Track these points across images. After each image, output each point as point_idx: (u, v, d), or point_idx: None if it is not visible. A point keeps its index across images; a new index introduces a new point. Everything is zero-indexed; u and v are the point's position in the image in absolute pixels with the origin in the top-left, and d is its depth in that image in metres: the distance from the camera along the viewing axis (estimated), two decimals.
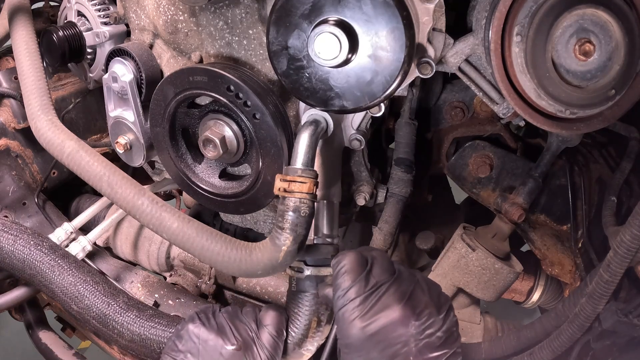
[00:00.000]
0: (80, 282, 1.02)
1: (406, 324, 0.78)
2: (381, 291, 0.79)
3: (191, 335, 0.90)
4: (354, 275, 0.81)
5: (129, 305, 1.02)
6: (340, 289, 0.81)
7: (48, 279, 1.02)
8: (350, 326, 0.78)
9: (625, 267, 0.90)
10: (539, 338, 1.08)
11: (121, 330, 1.00)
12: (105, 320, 1.00)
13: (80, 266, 1.05)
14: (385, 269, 0.82)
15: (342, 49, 0.78)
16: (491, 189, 1.31)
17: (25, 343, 1.51)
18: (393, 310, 0.78)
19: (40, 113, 1.01)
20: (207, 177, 1.07)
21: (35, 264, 1.02)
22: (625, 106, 0.79)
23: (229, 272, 0.91)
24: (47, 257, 1.03)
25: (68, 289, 1.01)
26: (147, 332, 1.00)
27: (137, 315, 1.01)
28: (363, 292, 0.79)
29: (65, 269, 1.02)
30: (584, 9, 0.72)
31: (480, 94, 0.91)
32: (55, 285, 1.02)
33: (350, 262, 0.82)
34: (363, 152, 1.13)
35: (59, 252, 1.05)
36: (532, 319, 1.15)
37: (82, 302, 1.01)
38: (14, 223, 1.06)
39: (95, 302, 1.01)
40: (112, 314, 1.00)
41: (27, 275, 1.04)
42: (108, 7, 1.21)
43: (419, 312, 0.79)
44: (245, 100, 0.93)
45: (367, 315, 0.78)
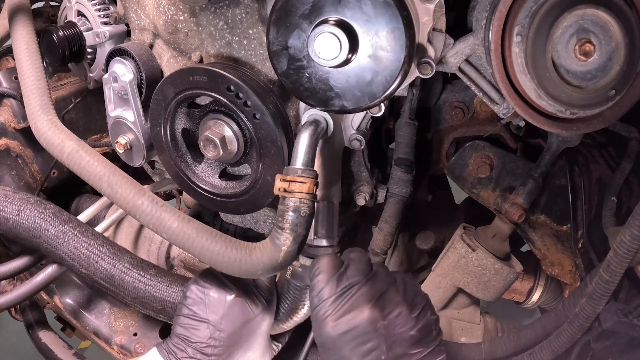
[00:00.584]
0: (85, 246, 1.05)
1: (374, 323, 0.81)
2: (353, 291, 0.84)
3: (196, 292, 1.00)
4: (327, 276, 0.86)
5: (133, 265, 1.07)
6: (315, 290, 0.86)
7: (54, 245, 1.05)
8: (323, 325, 0.83)
9: (625, 268, 0.90)
10: (539, 338, 1.08)
11: (127, 288, 1.06)
12: (112, 280, 1.05)
13: (84, 230, 1.08)
14: (359, 270, 0.86)
15: (342, 49, 0.78)
16: (491, 189, 1.31)
17: (25, 343, 1.51)
18: (361, 310, 0.82)
19: (40, 113, 1.01)
20: (207, 177, 1.07)
21: (40, 232, 1.05)
22: (626, 106, 0.79)
23: (229, 272, 0.91)
24: (51, 225, 1.05)
25: (75, 254, 1.05)
26: (151, 289, 1.06)
27: (142, 275, 1.07)
28: (334, 292, 0.84)
29: (69, 235, 1.05)
30: (584, 9, 0.72)
31: (480, 94, 0.91)
32: (62, 251, 1.05)
33: (325, 264, 0.88)
34: (363, 152, 1.13)
35: (62, 217, 1.07)
36: (532, 319, 1.15)
37: (90, 265, 1.05)
38: (16, 193, 1.08)
39: (102, 264, 1.05)
40: (119, 273, 1.05)
41: (34, 244, 1.06)
42: (108, 7, 1.21)
43: (388, 313, 0.82)
44: (245, 100, 0.93)
45: (337, 315, 0.82)
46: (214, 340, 0.97)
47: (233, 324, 0.99)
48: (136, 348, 1.40)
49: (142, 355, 1.05)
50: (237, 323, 0.99)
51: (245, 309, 1.00)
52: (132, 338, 1.41)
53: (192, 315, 0.98)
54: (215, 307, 0.98)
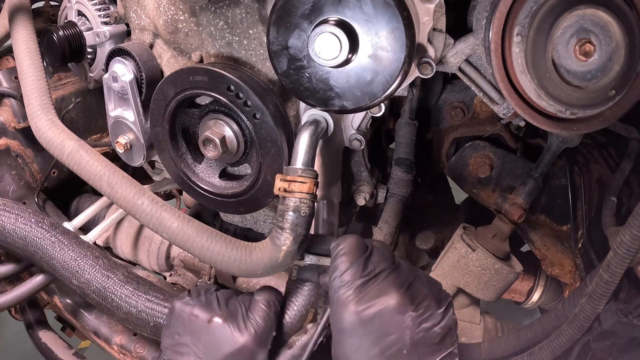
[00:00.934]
0: (80, 257, 1.04)
1: (403, 312, 0.75)
2: (380, 277, 0.78)
3: (180, 311, 0.90)
4: (352, 258, 0.79)
5: (128, 279, 1.05)
6: (337, 271, 0.79)
7: (49, 255, 1.04)
8: (345, 310, 0.76)
9: (625, 268, 0.90)
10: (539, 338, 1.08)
11: (119, 303, 1.03)
12: (104, 294, 1.03)
13: (80, 242, 1.07)
14: (385, 258, 0.81)
15: (342, 49, 0.78)
16: (491, 189, 1.31)
17: (25, 343, 1.51)
18: (390, 297, 0.76)
19: (41, 112, 1.01)
20: (207, 177, 1.07)
21: (36, 241, 1.04)
22: (626, 106, 0.79)
23: (229, 272, 0.91)
24: (48, 234, 1.05)
25: (69, 264, 1.04)
26: (143, 305, 1.02)
27: (135, 288, 1.03)
28: (360, 276, 0.78)
29: (65, 245, 1.05)
30: (584, 9, 0.72)
31: (480, 94, 0.91)
32: (56, 260, 1.04)
33: (350, 245, 0.81)
34: (363, 152, 1.13)
35: (59, 229, 1.07)
36: (532, 319, 1.15)
37: (82, 276, 1.03)
38: (14, 202, 1.08)
39: (95, 276, 1.03)
40: (111, 286, 1.03)
41: (29, 253, 1.06)
42: (108, 7, 1.21)
43: (418, 303, 0.77)
44: (245, 100, 0.93)
45: (363, 300, 0.76)
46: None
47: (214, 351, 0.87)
48: (136, 348, 1.39)
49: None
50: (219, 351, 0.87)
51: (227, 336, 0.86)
52: (132, 338, 1.41)
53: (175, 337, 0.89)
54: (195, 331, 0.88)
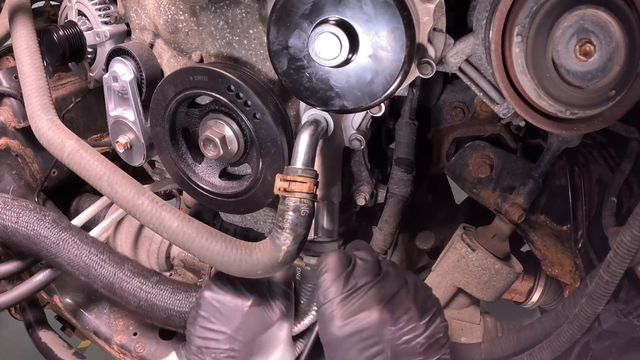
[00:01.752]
0: (85, 253, 1.04)
1: (382, 328, 0.78)
2: (362, 292, 0.81)
3: (210, 300, 0.94)
4: (334, 274, 0.83)
5: (135, 273, 1.04)
6: (322, 288, 0.83)
7: (53, 253, 1.04)
8: (329, 325, 0.80)
9: (625, 268, 0.90)
10: (539, 338, 1.08)
11: (128, 297, 1.03)
12: (112, 288, 1.03)
13: (83, 237, 1.06)
14: (368, 270, 0.84)
15: (342, 48, 0.78)
16: (491, 189, 1.31)
17: (25, 342, 1.51)
18: (370, 313, 0.79)
19: (41, 112, 1.01)
20: (207, 176, 1.07)
21: (39, 240, 1.04)
22: (626, 107, 0.79)
23: (229, 272, 0.91)
24: (51, 232, 1.04)
25: (74, 261, 1.03)
26: (153, 298, 1.03)
27: (143, 283, 1.04)
28: (341, 292, 0.81)
29: (69, 242, 1.04)
30: (584, 9, 0.72)
31: (480, 94, 0.91)
32: (61, 258, 1.04)
33: (332, 262, 0.84)
34: (363, 152, 1.13)
35: (61, 224, 1.06)
36: (532, 320, 1.15)
37: (90, 273, 1.03)
38: (15, 199, 1.07)
39: (102, 272, 1.03)
40: (119, 282, 1.03)
41: (34, 251, 1.05)
42: (108, 7, 1.21)
43: (397, 317, 0.80)
44: (245, 100, 0.93)
45: (344, 315, 0.80)
46: (233, 351, 0.93)
47: (251, 333, 0.94)
48: (136, 348, 1.39)
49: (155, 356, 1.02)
50: (255, 332, 0.94)
51: (262, 317, 0.95)
52: (132, 338, 1.41)
53: (209, 325, 0.93)
54: (231, 317, 0.93)
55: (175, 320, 1.05)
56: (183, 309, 1.04)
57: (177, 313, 1.04)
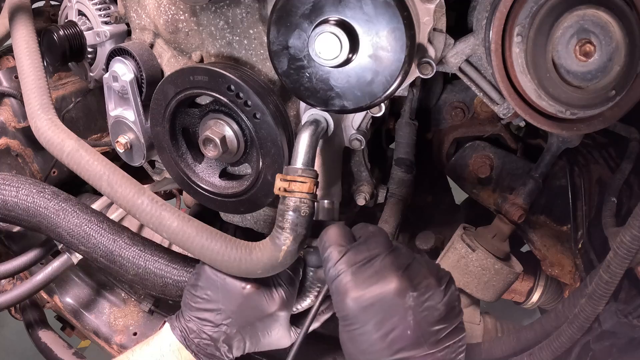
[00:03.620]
0: (85, 222, 1.04)
1: (403, 295, 0.76)
2: (376, 261, 0.79)
3: (210, 274, 0.93)
4: (340, 246, 0.81)
5: (133, 241, 1.05)
6: (330, 262, 0.81)
7: (54, 223, 1.04)
8: (345, 297, 0.77)
9: (625, 268, 0.90)
10: (539, 339, 1.08)
11: (126, 265, 1.03)
12: (111, 257, 1.04)
13: (83, 208, 1.07)
14: (381, 243, 0.82)
15: (342, 48, 0.78)
16: (491, 190, 1.31)
17: (25, 342, 1.51)
18: (389, 281, 0.76)
19: (40, 112, 1.01)
20: (207, 176, 1.07)
21: (39, 211, 1.04)
22: (626, 107, 0.79)
23: (229, 272, 0.91)
24: (51, 203, 1.04)
25: (74, 231, 1.04)
26: (151, 265, 1.03)
27: (142, 250, 1.04)
28: (354, 262, 0.79)
29: (69, 212, 1.04)
30: (584, 9, 0.72)
31: (480, 95, 0.91)
32: (62, 228, 1.04)
33: (334, 234, 0.83)
34: (363, 152, 1.13)
35: (61, 196, 1.06)
36: (532, 320, 1.15)
37: (89, 241, 1.04)
38: (13, 175, 1.07)
39: (101, 240, 1.04)
40: (118, 249, 1.03)
41: (34, 224, 1.06)
42: (109, 7, 1.21)
43: (418, 283, 0.77)
44: (245, 100, 0.93)
45: (361, 286, 0.77)
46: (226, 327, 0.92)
47: (246, 317, 0.92)
48: None
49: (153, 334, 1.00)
50: (251, 317, 0.93)
51: (260, 304, 0.93)
52: (132, 337, 1.41)
53: (207, 297, 0.92)
54: (228, 297, 0.92)
55: (171, 289, 1.05)
56: (180, 278, 1.04)
57: (174, 282, 1.04)
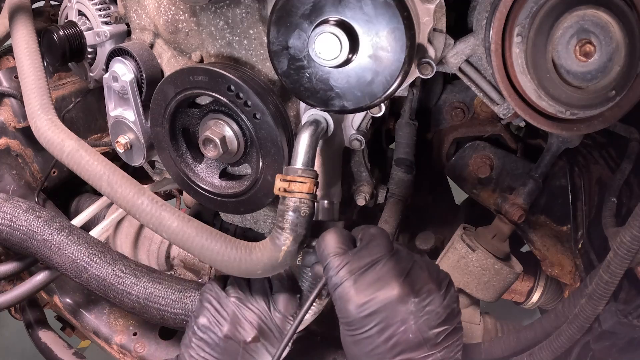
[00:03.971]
0: (77, 256, 1.05)
1: (405, 301, 0.77)
2: (377, 267, 0.79)
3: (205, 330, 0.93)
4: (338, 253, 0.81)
5: (126, 273, 1.06)
6: (332, 269, 0.81)
7: (47, 255, 1.05)
8: (347, 305, 0.78)
9: (625, 268, 0.90)
10: (539, 339, 1.08)
11: (122, 298, 1.05)
12: (106, 290, 1.05)
13: (75, 238, 1.07)
14: (382, 246, 0.82)
15: (342, 49, 0.78)
16: (491, 190, 1.30)
17: (25, 342, 1.51)
18: (391, 288, 0.77)
19: (40, 112, 1.01)
20: (207, 176, 1.07)
21: (32, 243, 1.05)
22: (626, 107, 0.79)
23: (229, 272, 0.91)
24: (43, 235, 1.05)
25: (67, 265, 1.05)
26: (145, 300, 1.05)
27: (135, 283, 1.05)
28: (357, 269, 0.79)
29: (61, 245, 1.05)
30: (584, 9, 0.72)
31: (480, 95, 0.91)
32: (55, 261, 1.05)
33: (331, 240, 0.83)
34: (363, 152, 1.13)
35: (53, 226, 1.07)
36: (532, 320, 1.15)
37: (82, 275, 1.05)
38: (7, 201, 1.07)
39: (94, 274, 1.04)
40: (110, 284, 1.04)
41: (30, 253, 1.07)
42: (109, 7, 1.21)
43: (418, 289, 0.79)
44: (245, 100, 0.93)
45: (364, 293, 0.78)
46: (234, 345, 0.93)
47: None
48: (136, 348, 1.39)
49: None
50: None
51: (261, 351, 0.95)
52: (132, 337, 1.41)
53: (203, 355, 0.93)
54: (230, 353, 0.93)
55: (169, 321, 1.06)
56: (177, 311, 1.05)
57: (171, 315, 1.05)
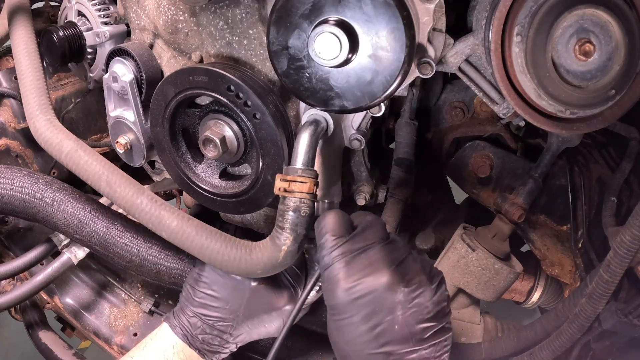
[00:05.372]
0: (78, 210, 1.06)
1: (394, 290, 0.75)
2: (370, 253, 0.78)
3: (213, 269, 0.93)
4: (337, 233, 0.80)
5: (126, 228, 1.07)
6: (325, 249, 0.79)
7: (49, 213, 1.06)
8: (335, 287, 0.77)
9: (625, 268, 0.90)
10: (539, 338, 1.08)
11: (120, 253, 1.05)
12: (105, 244, 1.06)
13: (77, 195, 1.08)
14: (377, 233, 0.81)
15: (342, 49, 0.78)
16: (491, 189, 1.30)
17: (25, 343, 1.51)
18: (381, 274, 0.76)
19: (39, 113, 1.01)
20: (207, 177, 1.07)
21: (34, 202, 1.05)
22: (626, 106, 0.79)
23: (229, 271, 0.91)
24: (45, 193, 1.06)
25: (68, 220, 1.05)
26: (144, 252, 1.05)
27: (135, 237, 1.06)
28: (349, 251, 0.78)
29: (62, 201, 1.06)
30: (584, 9, 0.72)
31: (480, 94, 0.91)
32: (56, 218, 1.06)
33: (332, 221, 0.81)
34: (363, 152, 1.13)
35: (55, 185, 1.08)
36: (532, 319, 1.15)
37: (83, 230, 1.05)
38: (7, 167, 1.08)
39: (95, 228, 1.05)
40: (112, 237, 1.05)
41: (30, 215, 1.07)
42: (108, 7, 1.21)
43: (409, 279, 0.77)
44: (245, 100, 0.93)
45: (353, 277, 0.76)
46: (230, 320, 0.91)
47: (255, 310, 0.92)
48: None
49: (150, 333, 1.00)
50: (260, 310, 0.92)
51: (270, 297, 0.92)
52: (132, 338, 1.41)
53: (212, 293, 0.92)
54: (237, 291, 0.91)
55: (164, 276, 1.06)
56: (173, 265, 1.06)
57: (167, 269, 1.06)
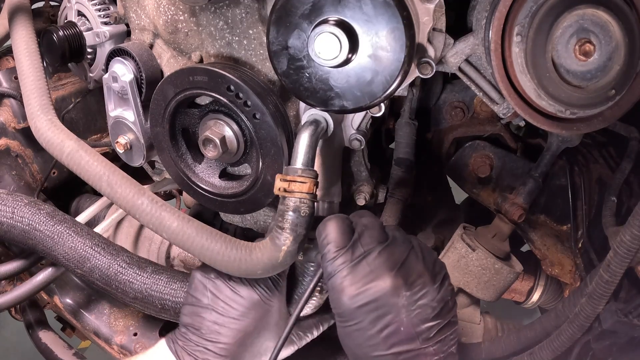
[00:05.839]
0: (80, 246, 1.04)
1: (397, 294, 0.77)
2: (370, 259, 0.79)
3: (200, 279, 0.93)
4: (339, 242, 0.81)
5: (129, 264, 1.05)
6: (327, 260, 0.81)
7: (49, 246, 1.04)
8: (341, 296, 0.78)
9: (625, 268, 0.90)
10: (539, 338, 1.08)
11: (124, 289, 1.04)
12: (108, 280, 1.04)
13: (79, 229, 1.06)
14: (375, 237, 0.82)
15: (342, 49, 0.78)
16: (491, 189, 1.31)
17: (25, 343, 1.51)
18: (383, 280, 0.77)
19: (40, 113, 1.01)
20: (207, 177, 1.07)
21: (34, 234, 1.04)
22: (626, 106, 0.79)
23: (229, 272, 0.91)
24: (45, 226, 1.04)
25: (69, 254, 1.04)
26: (149, 289, 1.04)
27: (138, 273, 1.04)
28: (350, 261, 0.79)
29: (63, 235, 1.04)
30: (584, 9, 0.72)
31: (480, 94, 0.91)
32: (57, 252, 1.04)
33: (333, 230, 0.82)
34: (363, 152, 1.13)
35: (56, 217, 1.06)
36: (532, 319, 1.15)
37: (85, 265, 1.03)
38: (9, 195, 1.07)
39: (97, 264, 1.03)
40: (114, 274, 1.03)
41: (30, 246, 1.06)
42: (108, 7, 1.21)
43: (411, 282, 0.78)
44: (245, 100, 0.93)
45: (356, 285, 0.77)
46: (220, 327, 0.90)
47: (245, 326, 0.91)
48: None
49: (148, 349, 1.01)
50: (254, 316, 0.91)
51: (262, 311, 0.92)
52: (132, 338, 1.41)
53: (196, 302, 0.92)
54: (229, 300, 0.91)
55: (170, 311, 1.05)
56: (178, 300, 1.04)
57: (172, 303, 1.04)
